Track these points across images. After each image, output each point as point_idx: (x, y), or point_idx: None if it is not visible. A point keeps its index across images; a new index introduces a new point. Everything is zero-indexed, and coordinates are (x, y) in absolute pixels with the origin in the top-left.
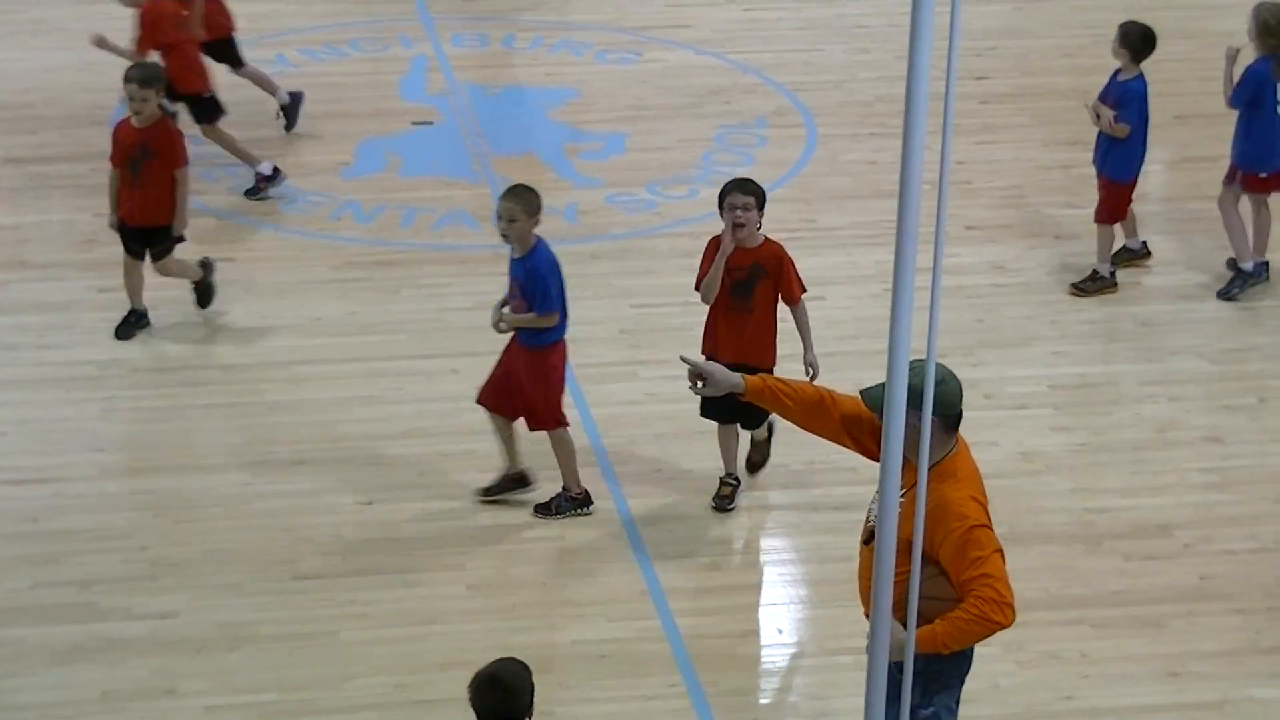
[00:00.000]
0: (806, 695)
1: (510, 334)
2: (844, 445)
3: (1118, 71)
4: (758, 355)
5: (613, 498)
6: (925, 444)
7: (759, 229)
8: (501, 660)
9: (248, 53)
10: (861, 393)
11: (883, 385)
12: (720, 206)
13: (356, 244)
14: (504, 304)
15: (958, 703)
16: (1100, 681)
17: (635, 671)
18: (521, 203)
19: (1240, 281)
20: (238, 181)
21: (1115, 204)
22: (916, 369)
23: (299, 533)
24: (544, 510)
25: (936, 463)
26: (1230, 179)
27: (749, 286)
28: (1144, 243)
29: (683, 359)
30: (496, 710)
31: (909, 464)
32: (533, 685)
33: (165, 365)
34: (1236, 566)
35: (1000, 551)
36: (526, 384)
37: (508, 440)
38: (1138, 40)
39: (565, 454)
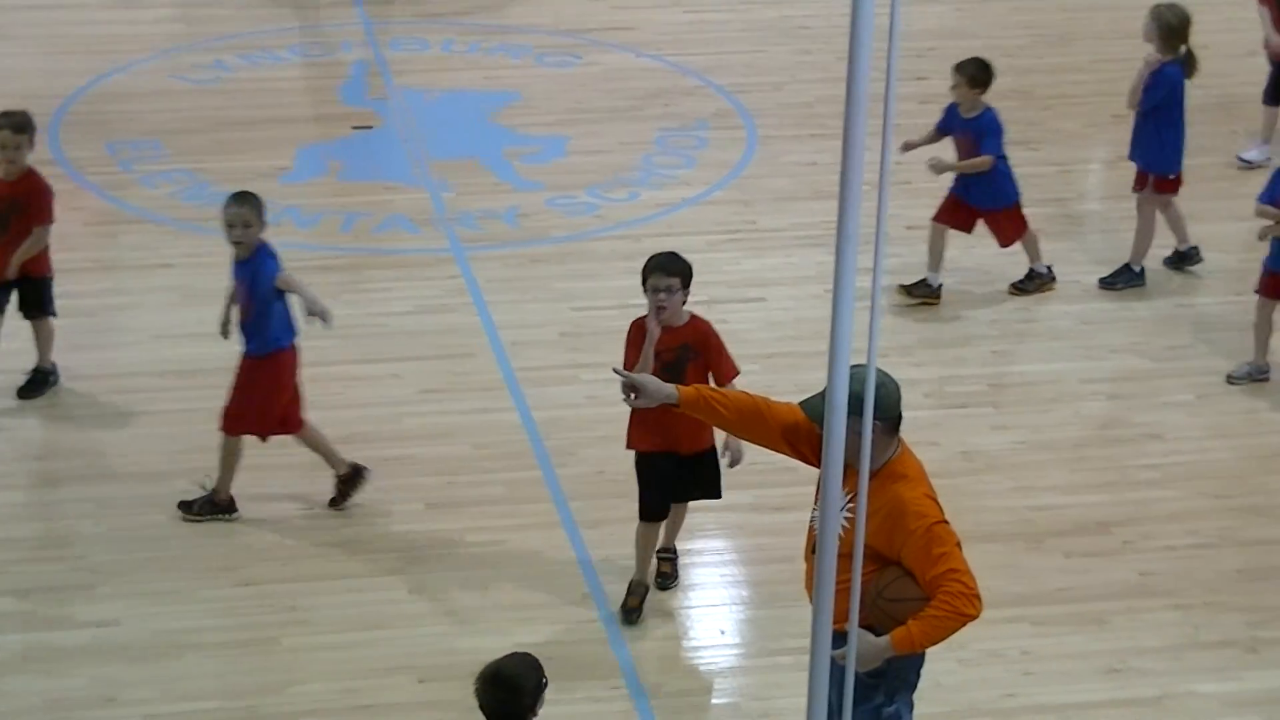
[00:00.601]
0: (749, 696)
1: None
2: (782, 453)
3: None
4: (691, 441)
5: (555, 501)
6: (866, 448)
7: (684, 304)
8: (508, 656)
9: (188, 58)
10: (801, 404)
11: (821, 396)
12: (643, 285)
13: (297, 249)
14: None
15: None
16: (1042, 679)
17: (579, 674)
18: (253, 208)
19: (1127, 277)
20: (177, 188)
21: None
22: (856, 375)
23: (240, 539)
24: (186, 508)
25: (882, 465)
26: (1141, 184)
27: (678, 369)
28: (1049, 267)
29: (615, 371)
30: (499, 707)
31: (851, 469)
32: (540, 681)
33: (104, 372)
34: (1177, 563)
35: (960, 544)
36: (240, 383)
37: (319, 447)
38: (975, 70)
39: (230, 460)
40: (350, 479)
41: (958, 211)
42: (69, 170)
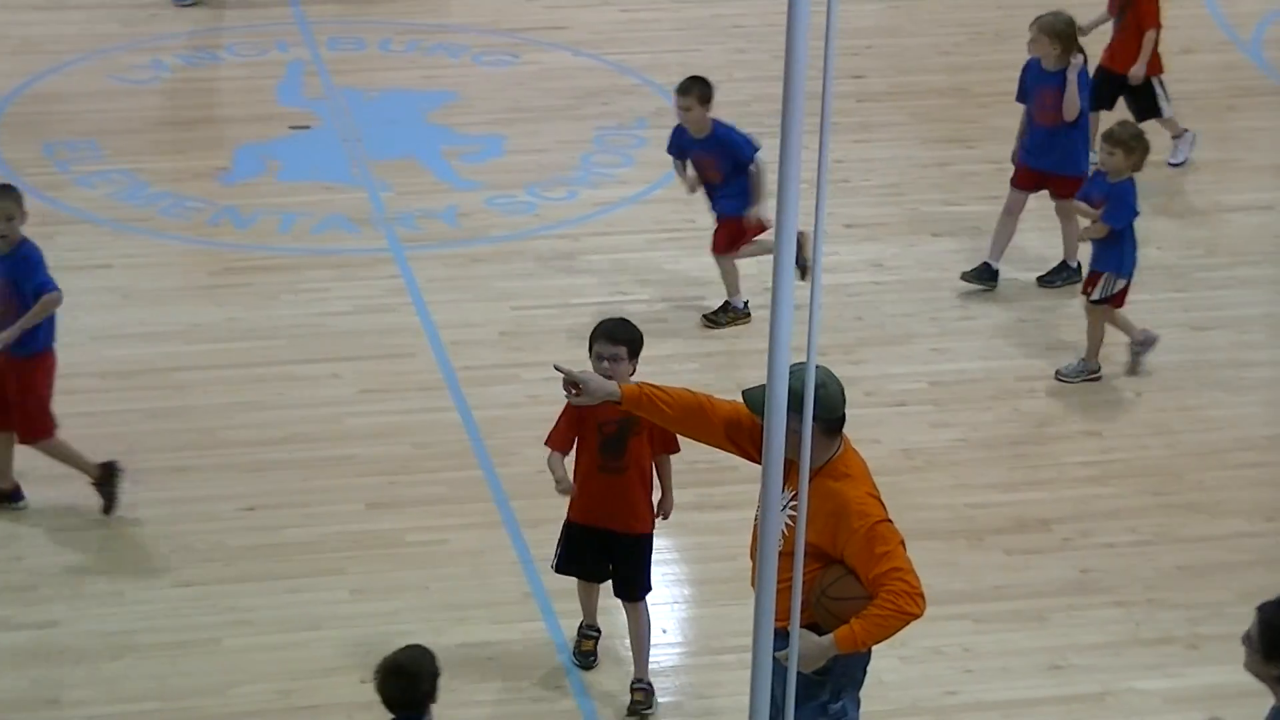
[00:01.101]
0: (692, 694)
1: None
2: (725, 450)
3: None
4: (631, 518)
5: (495, 500)
6: (806, 447)
7: (632, 375)
8: (405, 648)
9: (125, 58)
10: (743, 393)
11: (764, 386)
12: (589, 351)
13: (235, 249)
14: None
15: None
16: (983, 676)
17: (521, 674)
18: (15, 201)
19: (1065, 274)
20: (115, 188)
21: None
22: (797, 372)
23: (180, 540)
24: (107, 507)
25: (824, 464)
26: (1032, 185)
27: (620, 443)
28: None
29: (557, 367)
30: (399, 697)
31: (794, 467)
32: (436, 671)
33: None
34: (1116, 560)
35: (903, 543)
36: (14, 394)
37: (68, 457)
38: None
39: (66, 454)
40: (105, 479)
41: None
42: (5, 171)
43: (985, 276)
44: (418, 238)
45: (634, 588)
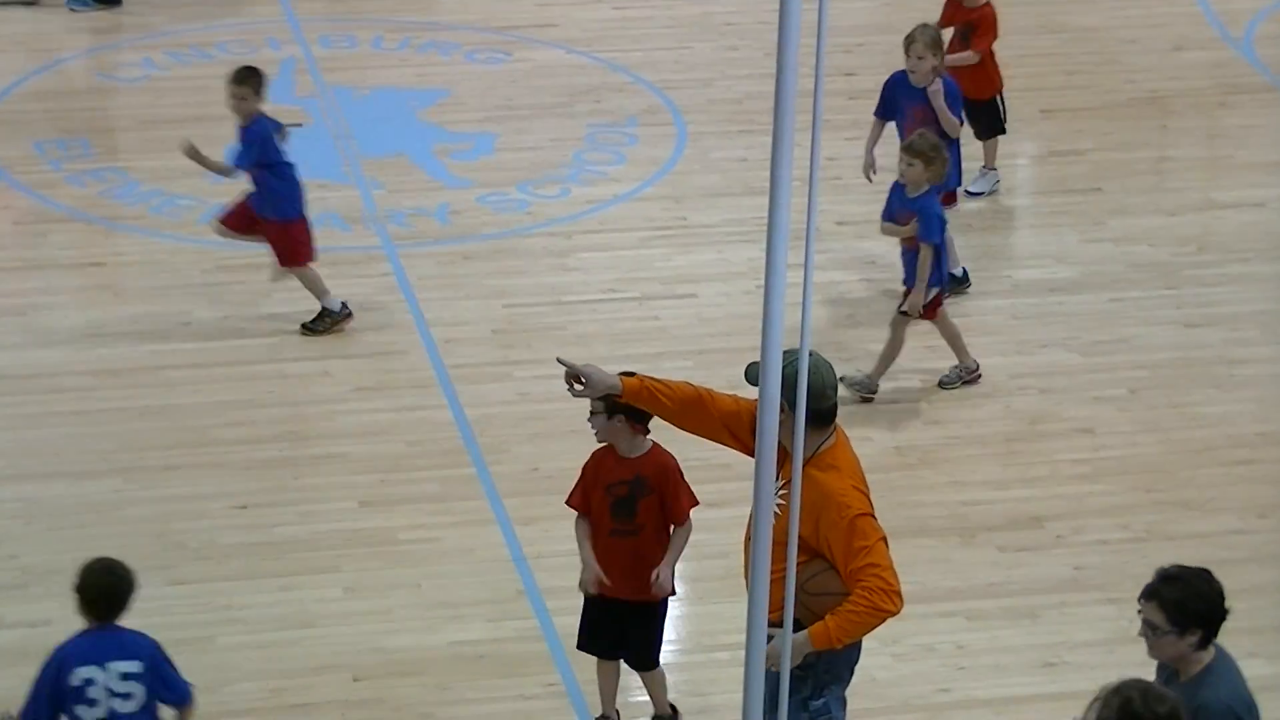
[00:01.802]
0: (686, 692)
1: None
2: (724, 443)
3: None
4: (644, 584)
5: (488, 498)
6: (800, 437)
7: (634, 434)
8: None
9: (116, 56)
10: (746, 369)
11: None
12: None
13: (227, 248)
14: None
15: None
16: (976, 673)
17: (513, 671)
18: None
19: (952, 283)
20: (106, 186)
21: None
22: (791, 358)
23: (172, 538)
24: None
25: (813, 454)
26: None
27: (630, 504)
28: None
29: (559, 360)
30: (110, 589)
31: (787, 457)
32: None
33: (34, 371)
34: (1109, 557)
35: (885, 540)
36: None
37: None
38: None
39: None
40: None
41: None
42: None
43: (954, 283)
44: (409, 235)
45: (645, 659)
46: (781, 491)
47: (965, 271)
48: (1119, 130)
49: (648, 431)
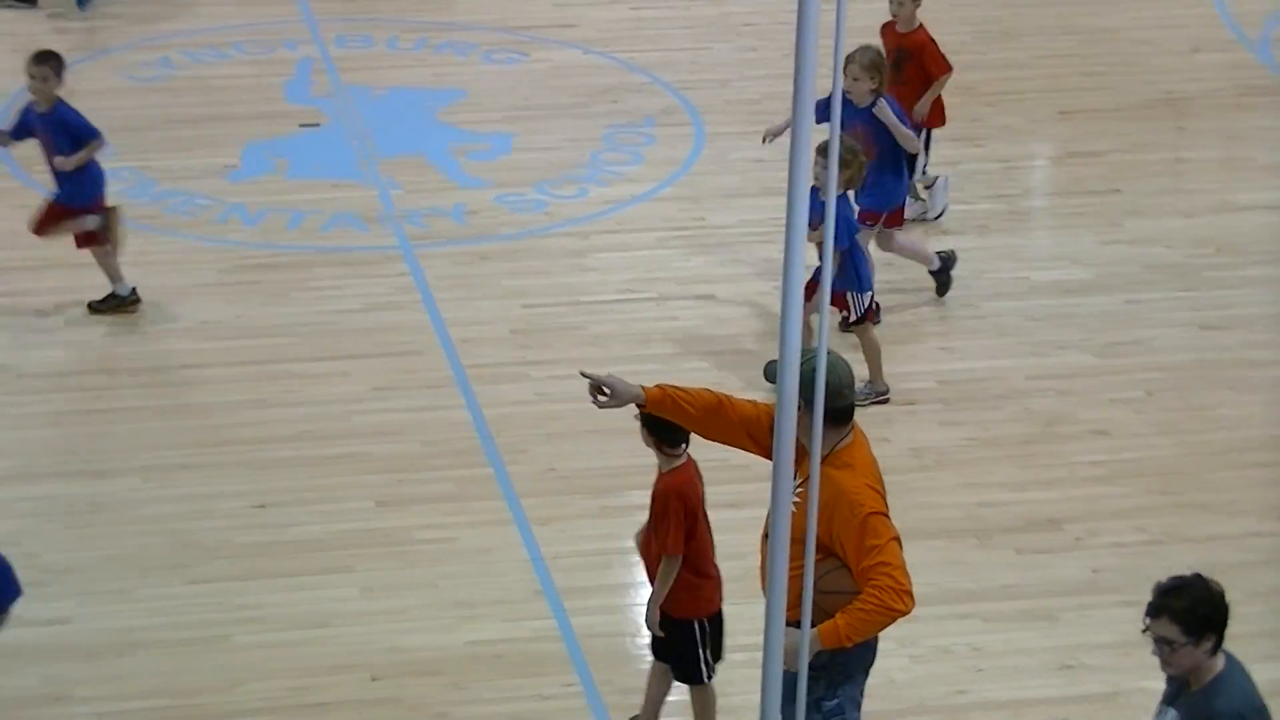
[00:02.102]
0: None
1: None
2: (745, 448)
3: None
4: (669, 602)
5: (505, 498)
6: (817, 435)
7: (675, 455)
8: None
9: (134, 56)
10: (765, 367)
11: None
12: None
13: (244, 247)
14: None
15: (862, 693)
16: (993, 675)
17: (530, 671)
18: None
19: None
20: (123, 185)
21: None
22: (808, 359)
23: (190, 537)
24: None
25: (830, 453)
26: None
27: (651, 520)
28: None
29: (583, 374)
30: None
31: (804, 456)
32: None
33: (52, 371)
34: (1126, 559)
35: (898, 539)
36: None
37: None
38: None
39: None
40: None
41: None
42: (14, 169)
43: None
44: (426, 235)
45: (680, 672)
46: (798, 489)
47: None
48: (1136, 132)
49: (675, 452)
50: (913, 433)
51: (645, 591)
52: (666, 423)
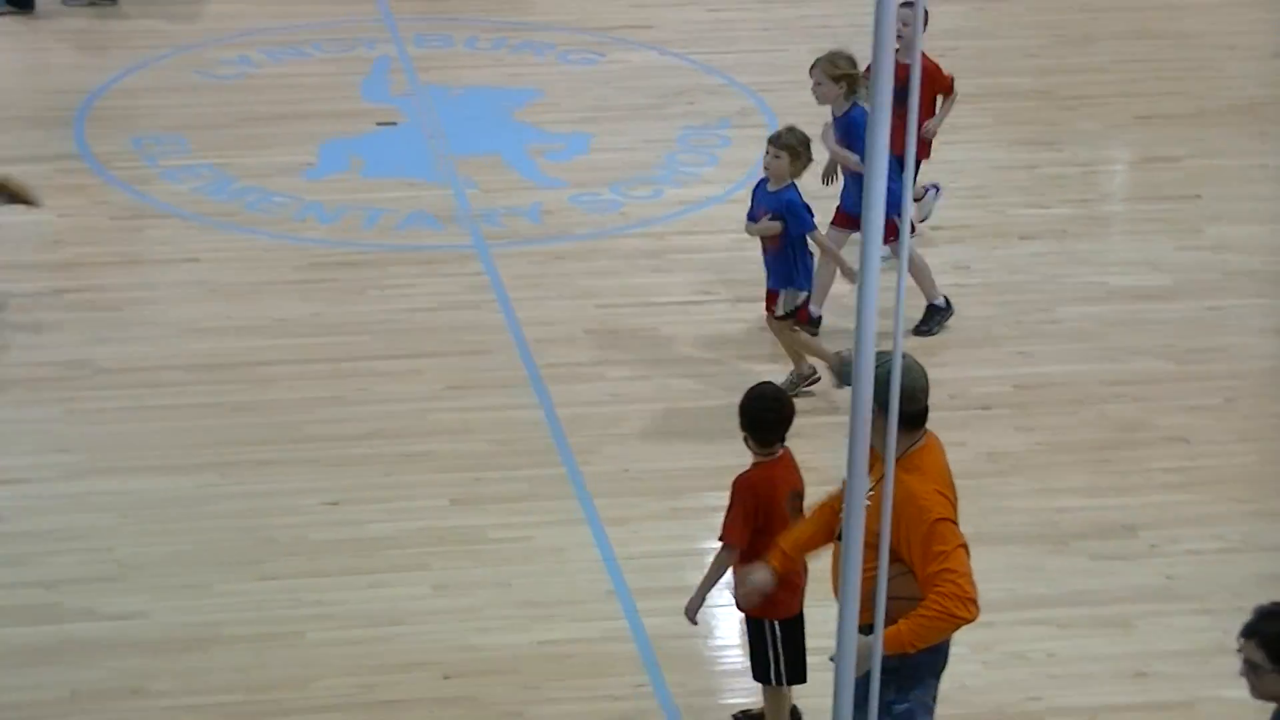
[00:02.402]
0: None
1: None
2: None
3: None
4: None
5: (578, 498)
6: (892, 438)
7: (762, 453)
8: None
9: (213, 53)
10: (839, 369)
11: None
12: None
13: (320, 245)
14: None
15: (935, 699)
16: (1066, 681)
17: (601, 672)
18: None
19: (939, 316)
20: (201, 183)
21: None
22: (882, 360)
23: (264, 534)
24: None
25: (902, 456)
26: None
27: None
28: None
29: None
30: None
31: (877, 459)
32: None
33: (129, 366)
34: (1202, 567)
35: (964, 546)
36: None
37: None
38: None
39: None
40: None
41: None
42: (94, 165)
43: (941, 316)
44: (502, 235)
45: (752, 669)
46: (869, 492)
47: (947, 301)
48: (1215, 137)
49: (762, 450)
50: (988, 437)
51: (717, 594)
52: (761, 422)
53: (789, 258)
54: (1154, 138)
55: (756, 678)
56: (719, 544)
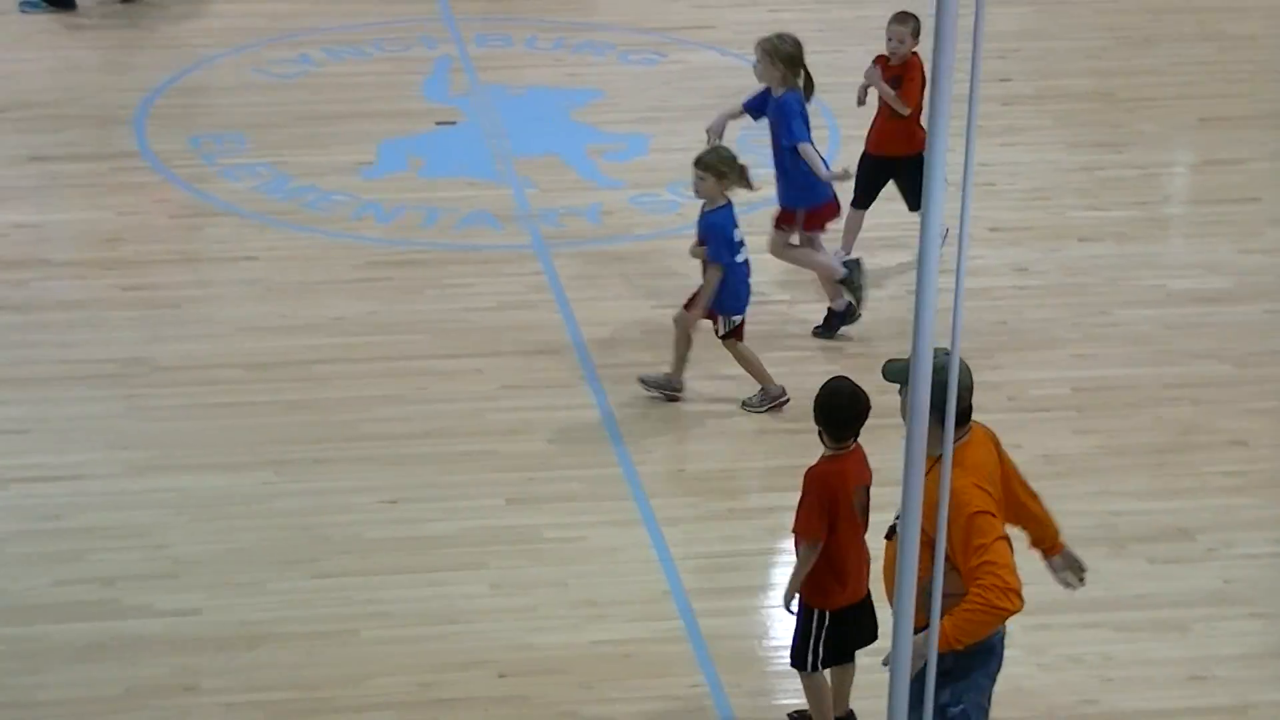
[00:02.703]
0: None
1: None
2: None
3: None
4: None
5: (635, 498)
6: (949, 439)
7: (831, 447)
8: None
9: (272, 52)
10: (884, 365)
11: (906, 360)
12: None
13: (378, 244)
14: None
15: (989, 701)
16: (1122, 685)
17: (657, 672)
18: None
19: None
20: (260, 182)
21: None
22: (937, 361)
23: (319, 531)
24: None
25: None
26: (788, 222)
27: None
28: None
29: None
30: None
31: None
32: None
33: (186, 364)
34: (1259, 571)
35: (1006, 539)
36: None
37: None
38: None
39: None
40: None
41: None
42: (154, 162)
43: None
44: (561, 235)
45: (791, 651)
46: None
47: (857, 264)
48: (1277, 139)
49: (834, 444)
50: (1045, 439)
51: (774, 595)
52: (836, 416)
53: (723, 283)
54: (1215, 140)
55: (792, 662)
56: (794, 539)
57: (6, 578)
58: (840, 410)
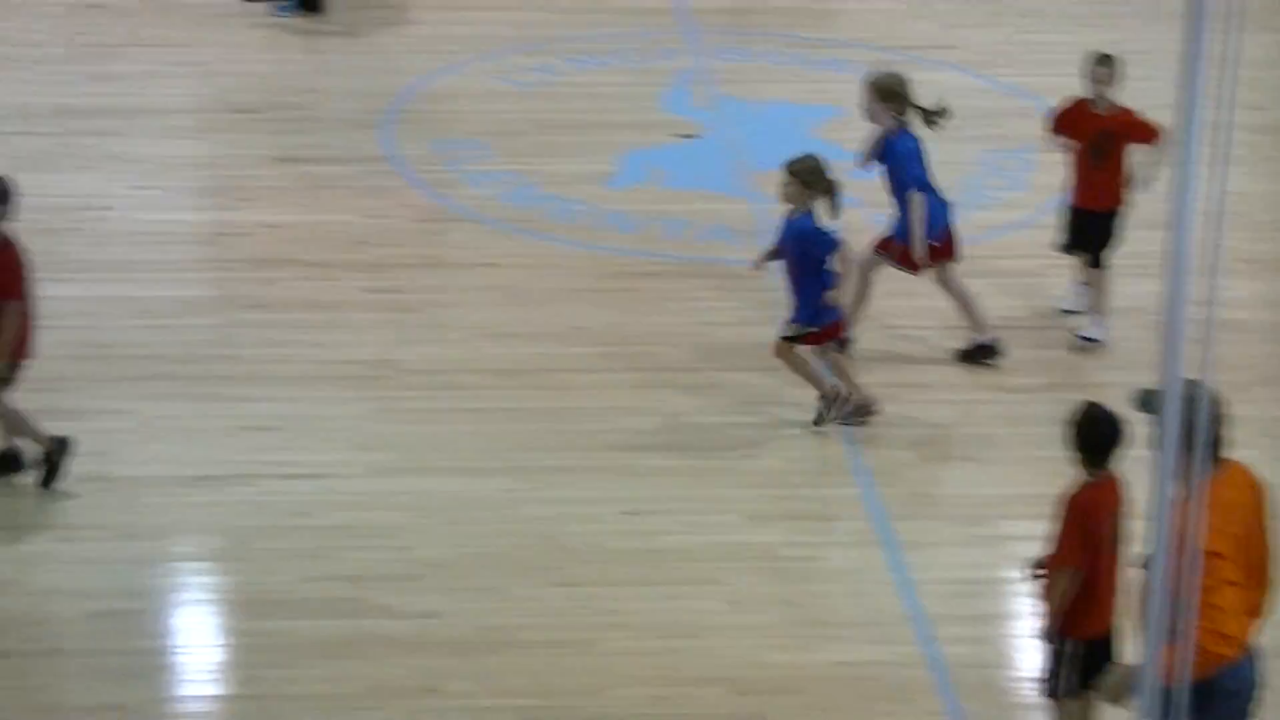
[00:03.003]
0: None
1: None
2: None
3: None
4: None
5: (874, 520)
6: (1198, 471)
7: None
8: None
9: (515, 60)
10: (1138, 396)
11: (1157, 390)
12: None
13: (619, 254)
14: None
15: None
16: None
17: (895, 697)
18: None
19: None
20: (500, 189)
21: None
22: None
23: (560, 540)
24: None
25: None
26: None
27: None
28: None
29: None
30: None
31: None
32: None
33: (433, 368)
34: None
35: (1234, 584)
36: None
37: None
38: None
39: None
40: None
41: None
42: (399, 167)
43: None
44: None
45: (1040, 680)
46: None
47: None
48: None
49: (1092, 472)
50: None
51: (1016, 624)
52: (1094, 441)
53: (804, 287)
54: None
55: (1043, 692)
56: (1052, 568)
57: (258, 571)
58: (1101, 438)
